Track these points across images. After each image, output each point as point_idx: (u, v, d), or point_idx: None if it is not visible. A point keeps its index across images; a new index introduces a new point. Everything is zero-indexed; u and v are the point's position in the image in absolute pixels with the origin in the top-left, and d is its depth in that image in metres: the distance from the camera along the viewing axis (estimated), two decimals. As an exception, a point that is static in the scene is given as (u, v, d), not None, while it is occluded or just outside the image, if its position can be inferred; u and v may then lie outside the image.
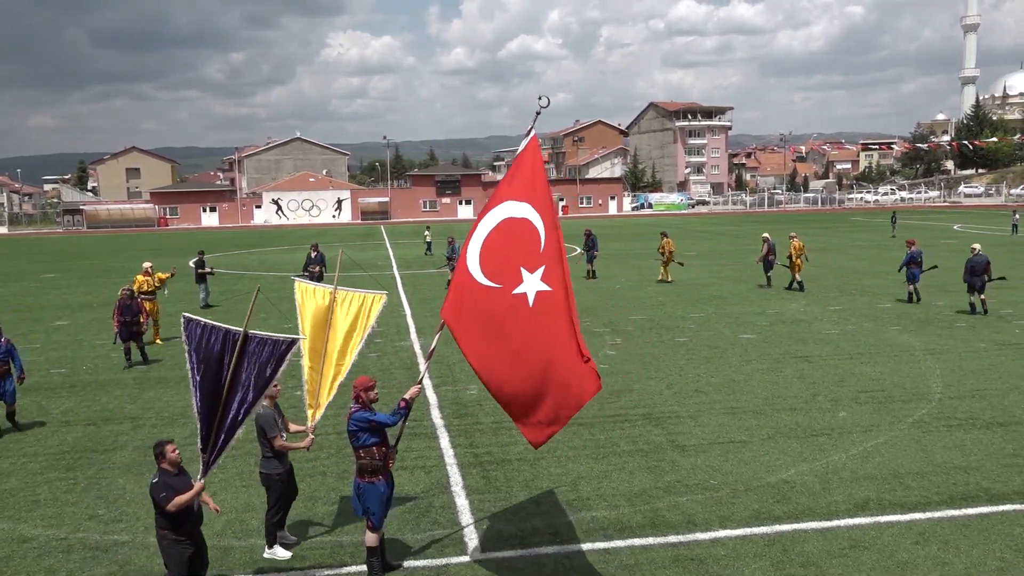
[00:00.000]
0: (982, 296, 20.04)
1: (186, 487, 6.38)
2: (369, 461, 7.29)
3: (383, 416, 7.29)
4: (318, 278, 22.66)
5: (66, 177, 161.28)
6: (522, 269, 7.08)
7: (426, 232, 41.93)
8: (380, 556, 7.46)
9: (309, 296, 8.58)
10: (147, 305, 17.39)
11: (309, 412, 8.38)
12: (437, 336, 7.76)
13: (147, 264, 19.17)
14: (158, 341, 18.03)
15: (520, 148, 7.71)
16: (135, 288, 17.40)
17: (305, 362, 8.42)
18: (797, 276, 24.64)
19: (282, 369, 6.73)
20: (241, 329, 6.61)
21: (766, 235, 26.13)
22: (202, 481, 6.47)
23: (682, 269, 28.55)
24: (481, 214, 7.62)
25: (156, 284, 18.71)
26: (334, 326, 8.40)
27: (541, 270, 7.04)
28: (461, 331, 7.25)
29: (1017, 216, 46.89)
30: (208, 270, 23.81)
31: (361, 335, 8.39)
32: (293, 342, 6.76)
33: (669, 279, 27.03)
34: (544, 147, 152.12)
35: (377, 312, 8.50)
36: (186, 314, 6.69)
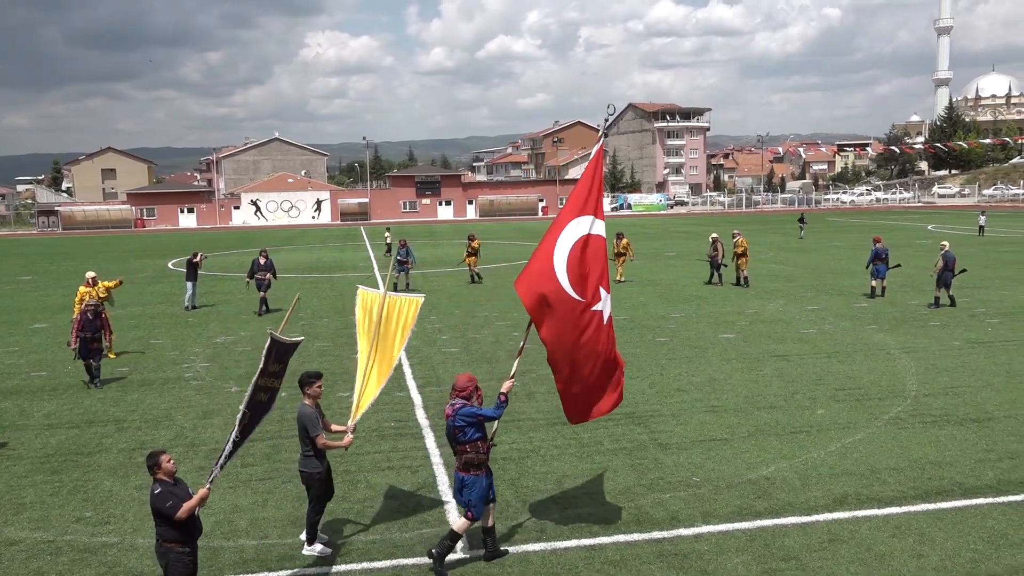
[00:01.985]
0: (950, 292, 20.93)
1: (186, 496, 6.32)
2: (475, 455, 7.53)
3: (489, 410, 7.61)
4: (267, 285, 22.65)
5: (40, 178, 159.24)
6: (600, 289, 8.12)
7: (386, 233, 42.55)
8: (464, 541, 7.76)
9: (368, 304, 8.74)
10: None
11: (353, 411, 8.43)
12: (527, 333, 8.29)
13: (90, 274, 17.80)
14: (111, 355, 16.64)
15: (591, 155, 8.68)
16: (77, 301, 16.13)
17: (360, 365, 8.51)
18: (743, 272, 25.69)
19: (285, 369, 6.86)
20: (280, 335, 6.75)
21: (715, 235, 26.76)
22: (208, 486, 6.49)
23: (659, 268, 28.87)
24: (564, 217, 8.30)
25: (101, 295, 17.37)
26: (383, 331, 8.53)
27: (607, 292, 8.22)
28: (541, 316, 7.94)
29: (984, 217, 47.60)
30: (198, 259, 23.59)
31: (403, 339, 8.47)
32: (296, 344, 6.86)
33: (621, 278, 27.33)
34: (524, 148, 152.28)
35: (415, 315, 8.57)
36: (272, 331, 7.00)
